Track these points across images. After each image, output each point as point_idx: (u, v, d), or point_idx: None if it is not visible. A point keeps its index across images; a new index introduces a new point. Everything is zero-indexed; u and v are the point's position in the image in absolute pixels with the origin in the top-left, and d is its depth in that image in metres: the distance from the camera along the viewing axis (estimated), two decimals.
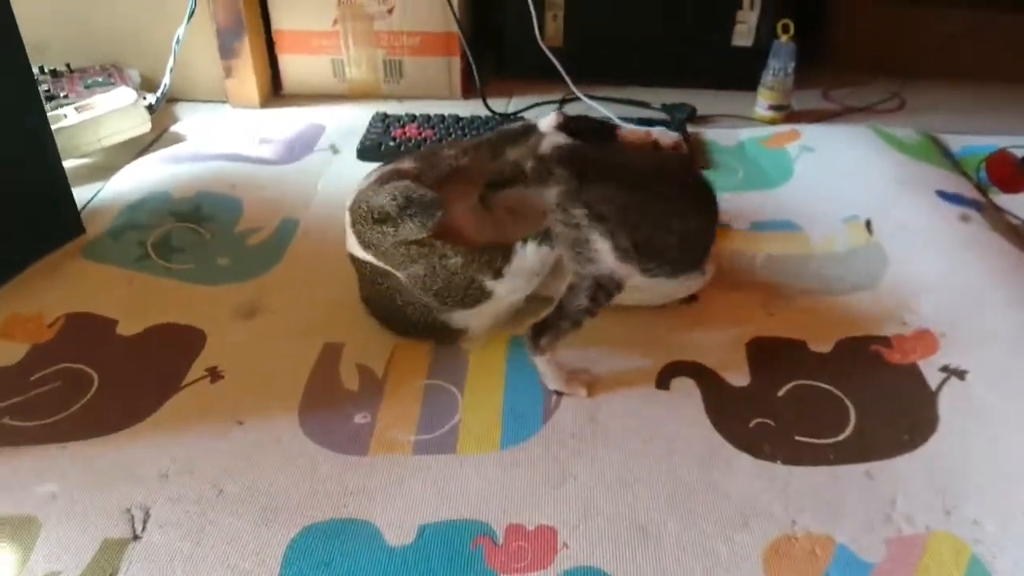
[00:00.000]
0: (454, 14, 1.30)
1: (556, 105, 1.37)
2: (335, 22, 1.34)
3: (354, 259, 0.80)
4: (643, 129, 0.75)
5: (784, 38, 1.27)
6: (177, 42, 1.27)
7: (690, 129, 1.26)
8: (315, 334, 0.82)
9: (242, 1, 1.28)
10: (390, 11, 1.33)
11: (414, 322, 0.79)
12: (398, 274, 0.76)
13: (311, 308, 0.87)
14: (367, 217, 0.75)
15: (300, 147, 1.20)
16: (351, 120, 1.28)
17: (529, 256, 0.73)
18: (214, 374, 0.77)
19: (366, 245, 0.76)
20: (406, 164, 0.80)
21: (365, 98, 1.39)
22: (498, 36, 1.45)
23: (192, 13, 1.26)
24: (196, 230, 0.99)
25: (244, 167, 1.12)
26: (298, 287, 0.90)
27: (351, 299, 0.85)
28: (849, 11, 1.49)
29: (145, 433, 0.71)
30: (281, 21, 1.36)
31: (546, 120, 0.78)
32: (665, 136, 0.76)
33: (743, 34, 1.38)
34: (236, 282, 0.91)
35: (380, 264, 0.76)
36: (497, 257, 0.73)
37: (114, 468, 0.67)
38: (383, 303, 0.80)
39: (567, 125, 0.74)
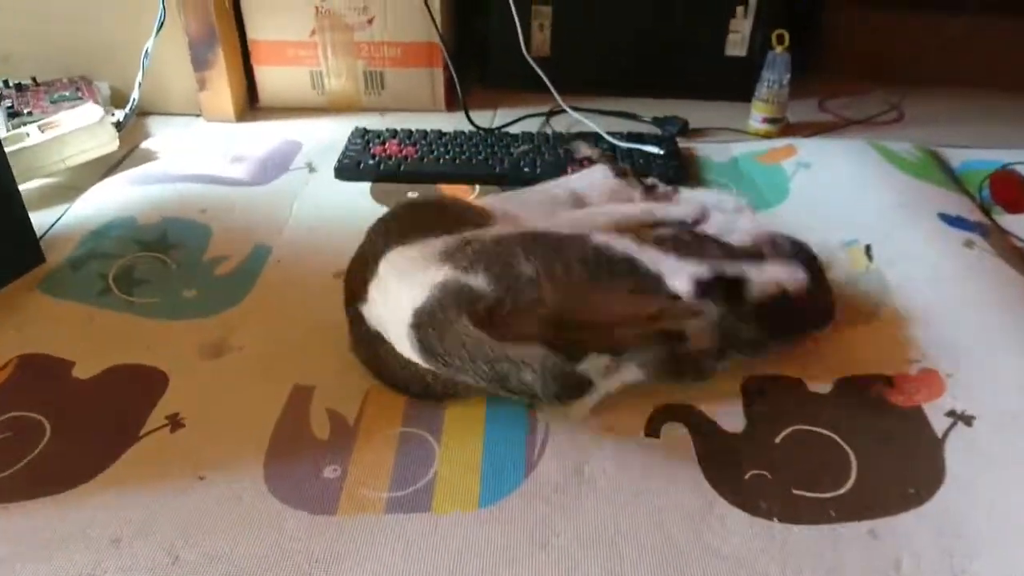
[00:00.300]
0: (435, 24, 1.25)
1: (543, 118, 1.32)
2: (313, 32, 1.29)
3: (376, 334, 0.73)
4: (770, 277, 0.76)
5: (779, 48, 1.22)
6: (146, 55, 1.21)
7: (682, 144, 1.21)
8: (284, 375, 0.78)
9: (215, 10, 1.23)
10: (370, 21, 1.28)
11: (432, 390, 0.73)
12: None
13: (281, 345, 0.82)
14: (492, 379, 0.66)
15: (274, 166, 1.15)
16: (329, 135, 1.23)
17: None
18: (175, 422, 0.73)
19: (435, 363, 0.68)
20: (477, 279, 0.69)
21: (345, 110, 1.34)
22: (483, 46, 1.40)
23: (162, 24, 1.21)
24: (162, 259, 0.94)
25: (215, 189, 1.07)
26: (269, 321, 0.86)
27: (323, 333, 0.80)
28: (847, 18, 1.45)
29: (98, 491, 0.66)
30: (256, 31, 1.30)
31: (683, 283, 0.72)
32: (793, 279, 0.77)
33: (736, 43, 1.33)
34: (202, 317, 0.86)
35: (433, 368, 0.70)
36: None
37: (62, 532, 0.62)
38: (400, 373, 0.74)
39: (707, 290, 0.72)
